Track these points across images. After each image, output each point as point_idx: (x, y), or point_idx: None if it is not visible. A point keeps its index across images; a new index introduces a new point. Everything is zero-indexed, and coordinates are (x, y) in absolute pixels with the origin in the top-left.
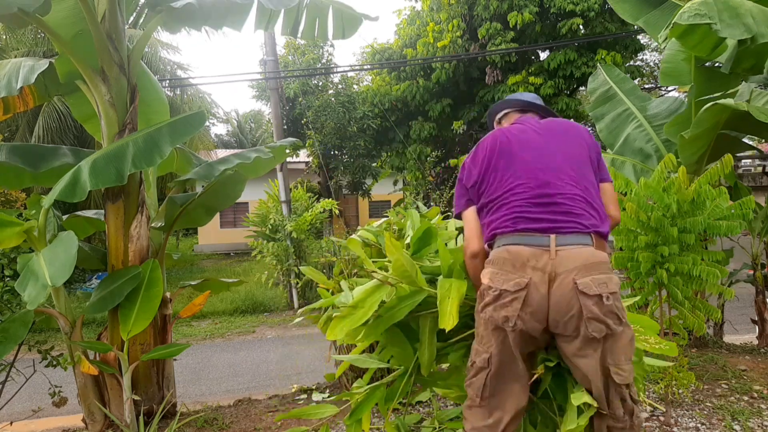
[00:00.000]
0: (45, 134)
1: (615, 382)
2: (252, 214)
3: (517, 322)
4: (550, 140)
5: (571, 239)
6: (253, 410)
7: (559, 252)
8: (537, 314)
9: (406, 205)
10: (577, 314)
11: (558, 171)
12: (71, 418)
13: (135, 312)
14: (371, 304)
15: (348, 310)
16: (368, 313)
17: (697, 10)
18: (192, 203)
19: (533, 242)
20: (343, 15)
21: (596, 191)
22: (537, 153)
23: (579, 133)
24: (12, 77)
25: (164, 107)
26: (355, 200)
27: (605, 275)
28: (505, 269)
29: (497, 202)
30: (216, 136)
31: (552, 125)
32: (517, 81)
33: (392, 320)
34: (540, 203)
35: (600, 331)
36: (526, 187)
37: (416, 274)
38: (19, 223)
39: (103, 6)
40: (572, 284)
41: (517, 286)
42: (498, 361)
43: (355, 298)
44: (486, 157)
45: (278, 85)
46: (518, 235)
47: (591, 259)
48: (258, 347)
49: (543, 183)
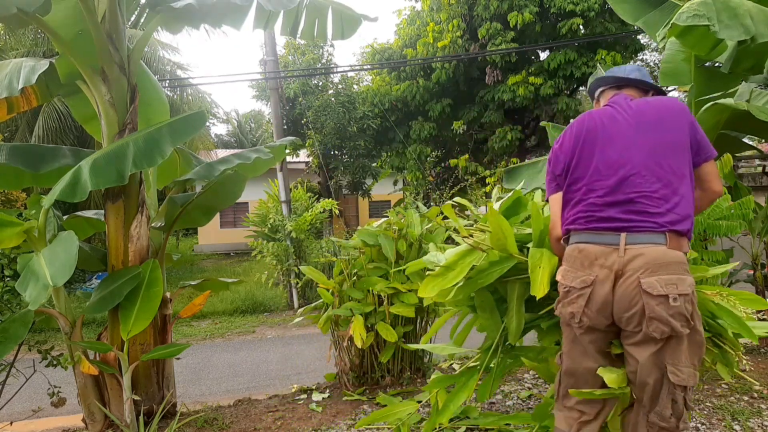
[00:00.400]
0: (45, 134)
1: (670, 381)
2: (252, 214)
3: (583, 318)
4: (639, 129)
5: (642, 238)
6: (253, 410)
7: (627, 250)
8: (602, 310)
9: (406, 205)
10: (640, 312)
11: (641, 166)
12: (71, 418)
13: (135, 312)
14: (462, 267)
15: (441, 270)
16: (459, 275)
17: (696, 10)
18: (192, 203)
19: (603, 240)
20: (342, 16)
21: (685, 182)
22: (622, 146)
23: (674, 116)
24: (13, 78)
25: (164, 107)
26: (355, 200)
27: (676, 276)
28: (575, 267)
29: (575, 196)
30: (216, 136)
31: (645, 108)
32: (517, 81)
33: (482, 283)
34: (616, 202)
35: (661, 331)
36: (605, 185)
37: (509, 241)
38: (19, 223)
39: (104, 6)
40: (637, 283)
41: (583, 283)
42: (569, 358)
43: (447, 260)
44: (572, 146)
45: (278, 85)
46: (590, 233)
47: (660, 259)
48: (258, 347)
49: (622, 181)
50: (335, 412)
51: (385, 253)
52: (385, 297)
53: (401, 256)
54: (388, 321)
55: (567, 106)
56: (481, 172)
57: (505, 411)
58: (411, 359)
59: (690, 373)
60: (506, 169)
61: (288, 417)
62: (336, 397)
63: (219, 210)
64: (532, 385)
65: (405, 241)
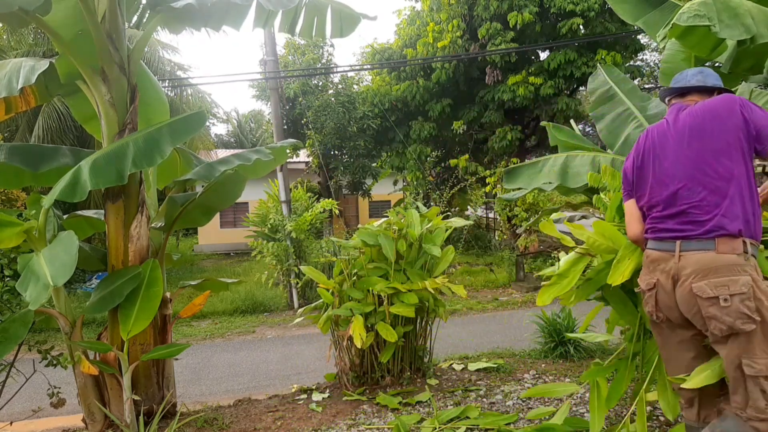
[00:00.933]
0: (45, 134)
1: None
2: (252, 214)
3: (658, 315)
4: (684, 141)
5: (693, 245)
6: (253, 410)
7: (682, 257)
8: (670, 310)
9: (406, 205)
10: (699, 313)
11: (687, 179)
12: (71, 418)
13: (135, 312)
14: (575, 273)
15: (555, 278)
16: (573, 280)
17: (697, 11)
18: (192, 203)
19: (663, 247)
20: (341, 14)
21: (735, 183)
22: (670, 161)
23: (719, 118)
24: (12, 77)
25: (164, 107)
26: (355, 200)
27: (726, 278)
28: (644, 271)
29: (642, 210)
30: (216, 136)
31: (689, 119)
32: (517, 81)
33: (602, 281)
34: (671, 215)
35: (720, 330)
36: (660, 200)
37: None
38: (19, 223)
39: (104, 6)
40: (690, 287)
41: (648, 285)
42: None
43: (560, 269)
44: (632, 165)
45: (278, 85)
46: (654, 241)
47: (710, 264)
48: (258, 347)
49: (673, 195)
50: (335, 412)
51: (385, 253)
52: (385, 297)
53: (401, 256)
54: (388, 321)
55: (567, 106)
56: (481, 172)
57: (505, 411)
58: (411, 359)
59: (766, 363)
60: (506, 169)
61: (288, 417)
62: (336, 397)
63: (219, 210)
64: (532, 385)
65: (405, 241)
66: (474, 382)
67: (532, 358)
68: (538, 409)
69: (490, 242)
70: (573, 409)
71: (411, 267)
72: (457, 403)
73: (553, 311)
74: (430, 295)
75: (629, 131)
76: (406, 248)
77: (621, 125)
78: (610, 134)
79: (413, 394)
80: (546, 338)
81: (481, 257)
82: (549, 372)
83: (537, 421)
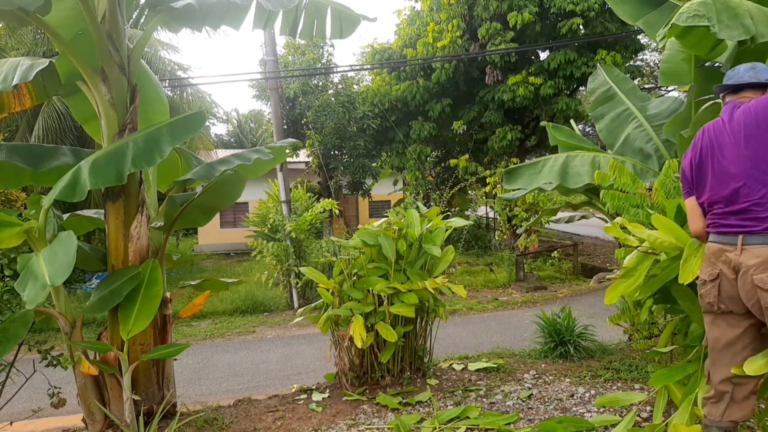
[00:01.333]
0: (45, 134)
1: None
2: (252, 214)
3: (720, 306)
4: (740, 139)
5: (756, 239)
6: (253, 410)
7: (744, 250)
8: (733, 299)
9: (406, 205)
10: (758, 303)
11: (745, 177)
12: (71, 418)
13: (135, 312)
14: (641, 271)
15: (620, 279)
16: (639, 277)
17: (696, 11)
18: (192, 203)
19: (725, 241)
20: (341, 15)
21: None
22: (728, 160)
23: None
24: (9, 73)
25: (164, 107)
26: (355, 200)
27: None
28: (707, 262)
29: (703, 207)
30: (216, 136)
31: (746, 116)
32: (517, 81)
33: (668, 278)
34: (732, 212)
35: None
36: (721, 198)
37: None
38: (19, 223)
39: (104, 6)
40: (751, 279)
41: (710, 276)
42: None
43: (625, 266)
44: (689, 164)
45: (278, 85)
46: (717, 234)
47: None
48: (258, 347)
49: (733, 193)
50: (335, 412)
51: (385, 253)
52: (385, 297)
53: (401, 256)
54: (388, 321)
55: (567, 106)
56: (481, 172)
57: (505, 411)
58: (411, 359)
59: None
60: (506, 169)
61: (288, 417)
62: (336, 397)
63: (219, 210)
64: (532, 385)
65: (405, 241)
66: (474, 382)
67: (532, 358)
68: (603, 416)
69: (490, 242)
70: (573, 409)
71: (411, 267)
72: (457, 403)
73: (553, 311)
74: (430, 295)
75: (629, 131)
76: (406, 248)
77: (621, 125)
78: (609, 134)
79: (413, 394)
80: (546, 338)
81: (481, 257)
82: (549, 372)
83: (537, 420)
